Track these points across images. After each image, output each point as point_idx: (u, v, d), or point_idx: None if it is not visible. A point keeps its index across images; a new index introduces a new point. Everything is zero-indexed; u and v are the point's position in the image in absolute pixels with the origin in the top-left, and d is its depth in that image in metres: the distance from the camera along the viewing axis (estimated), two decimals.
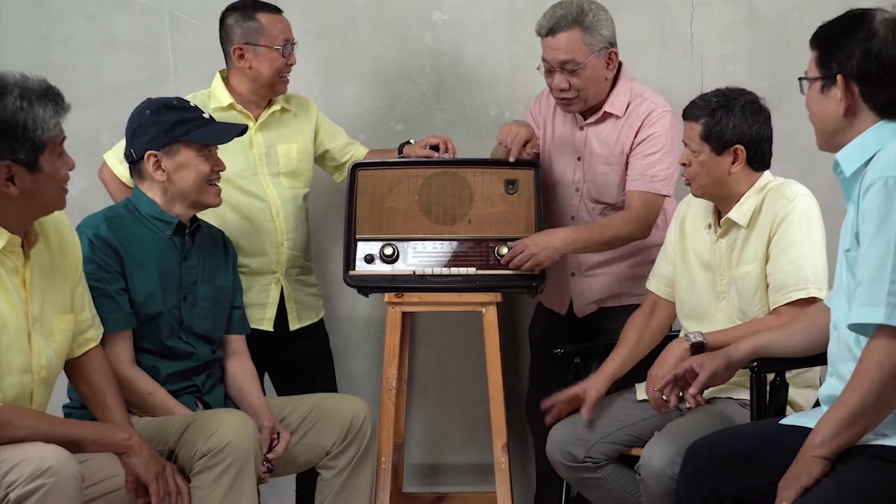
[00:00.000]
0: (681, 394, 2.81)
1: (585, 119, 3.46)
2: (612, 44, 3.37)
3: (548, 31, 3.33)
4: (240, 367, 3.17)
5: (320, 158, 3.61)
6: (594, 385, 3.11)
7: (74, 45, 3.95)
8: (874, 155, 2.32)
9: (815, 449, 2.26)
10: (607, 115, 3.43)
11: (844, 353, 2.38)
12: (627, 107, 3.41)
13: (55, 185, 2.52)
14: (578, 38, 3.31)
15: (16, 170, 2.44)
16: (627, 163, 3.40)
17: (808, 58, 2.44)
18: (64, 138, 2.53)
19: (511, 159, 3.35)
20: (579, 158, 3.49)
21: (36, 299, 2.58)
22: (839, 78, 2.35)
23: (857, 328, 2.29)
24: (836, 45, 2.36)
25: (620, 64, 3.44)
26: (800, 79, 2.47)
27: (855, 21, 2.36)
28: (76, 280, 2.74)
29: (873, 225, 2.23)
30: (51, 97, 2.48)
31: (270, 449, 2.96)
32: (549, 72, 3.36)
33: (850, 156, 2.37)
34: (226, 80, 3.45)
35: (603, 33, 3.33)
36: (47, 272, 2.63)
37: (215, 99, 3.42)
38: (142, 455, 2.60)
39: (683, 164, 3.01)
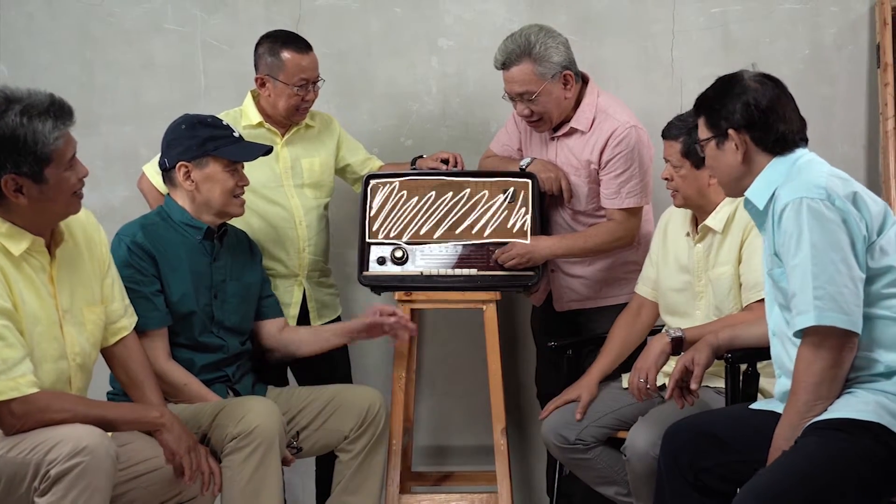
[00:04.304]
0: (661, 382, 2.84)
1: (555, 132, 3.42)
2: (566, 66, 3.28)
3: (501, 64, 3.28)
4: (296, 329, 3.28)
5: (341, 171, 3.60)
6: (587, 390, 3.12)
7: (116, 68, 3.96)
8: (777, 187, 2.43)
9: (779, 453, 2.33)
10: (573, 130, 3.37)
11: (791, 352, 2.43)
12: (593, 122, 3.33)
13: (63, 194, 2.47)
14: (529, 69, 3.25)
15: (22, 181, 2.40)
16: (596, 175, 3.35)
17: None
18: (74, 151, 2.47)
19: (567, 199, 3.38)
20: None
21: (65, 293, 2.56)
22: (730, 132, 2.47)
23: (799, 335, 2.36)
24: (718, 105, 2.50)
25: (587, 80, 3.39)
26: (697, 143, 2.63)
27: (728, 83, 2.51)
28: (104, 273, 2.71)
29: (794, 241, 2.34)
30: (52, 113, 2.40)
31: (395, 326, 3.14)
32: (512, 100, 3.34)
33: (758, 192, 2.48)
34: (256, 99, 3.44)
35: (554, 60, 3.25)
36: (75, 268, 2.61)
37: (246, 117, 3.41)
38: (173, 431, 2.59)
39: (666, 179, 3.03)
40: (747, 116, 2.46)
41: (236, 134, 3.06)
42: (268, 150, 3.11)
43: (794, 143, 2.48)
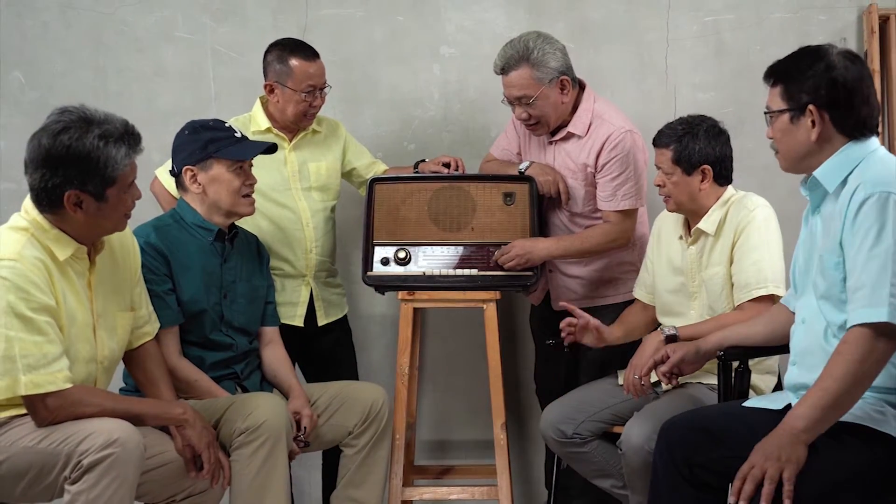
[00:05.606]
0: (655, 379, 2.85)
1: (552, 137, 3.43)
2: (563, 72, 3.28)
3: (501, 69, 3.29)
4: (274, 355, 3.19)
5: (347, 174, 3.61)
6: (609, 330, 3.13)
7: (128, 75, 3.97)
8: (851, 171, 2.29)
9: (800, 434, 2.20)
10: (571, 135, 3.38)
11: (813, 346, 2.37)
12: (589, 127, 3.34)
13: (118, 213, 2.55)
14: (527, 74, 3.25)
15: (84, 197, 2.47)
16: (593, 178, 3.35)
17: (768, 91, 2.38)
18: (135, 176, 2.55)
19: (564, 201, 3.38)
20: None
21: (100, 299, 2.61)
22: (810, 107, 2.30)
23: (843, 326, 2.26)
24: (800, 77, 2.31)
25: (584, 86, 3.39)
26: (766, 113, 2.40)
27: (813, 55, 2.32)
28: (135, 281, 2.76)
29: (872, 235, 2.19)
30: (126, 140, 2.49)
31: (298, 426, 2.98)
32: (511, 104, 3.35)
33: (829, 174, 2.32)
34: (265, 105, 3.45)
35: (551, 65, 3.26)
36: (110, 275, 2.66)
37: (255, 122, 3.42)
38: (195, 427, 2.63)
39: (658, 185, 3.04)
40: (832, 94, 2.27)
41: (238, 134, 3.05)
42: (270, 147, 3.09)
43: (870, 129, 2.32)
